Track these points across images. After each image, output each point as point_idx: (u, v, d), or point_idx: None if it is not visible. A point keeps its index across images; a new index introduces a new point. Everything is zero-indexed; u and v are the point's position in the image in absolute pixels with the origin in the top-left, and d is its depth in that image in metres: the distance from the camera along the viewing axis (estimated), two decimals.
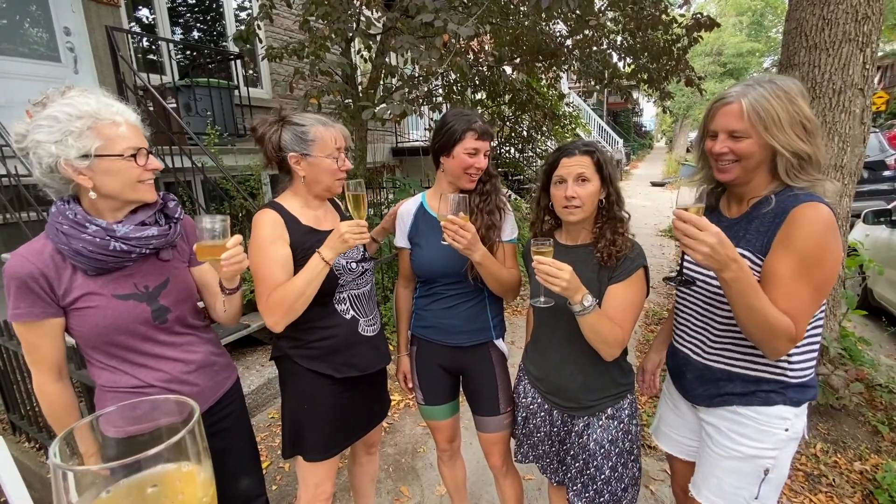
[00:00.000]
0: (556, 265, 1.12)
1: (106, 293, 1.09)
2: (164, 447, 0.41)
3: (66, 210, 1.05)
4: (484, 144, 1.44)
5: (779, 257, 1.06)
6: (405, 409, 2.98)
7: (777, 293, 1.04)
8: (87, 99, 1.03)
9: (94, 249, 1.04)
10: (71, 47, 4.11)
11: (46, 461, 2.35)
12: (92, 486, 0.40)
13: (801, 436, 1.20)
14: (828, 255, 1.03)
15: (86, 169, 1.02)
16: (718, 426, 1.23)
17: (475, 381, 1.57)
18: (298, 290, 1.25)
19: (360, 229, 1.24)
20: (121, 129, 1.04)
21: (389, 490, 2.30)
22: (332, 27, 3.30)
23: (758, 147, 1.10)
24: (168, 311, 1.17)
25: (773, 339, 1.04)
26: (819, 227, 1.02)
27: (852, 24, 2.38)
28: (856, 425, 2.62)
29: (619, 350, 1.25)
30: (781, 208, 1.08)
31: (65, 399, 1.16)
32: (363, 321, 1.46)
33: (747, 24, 20.71)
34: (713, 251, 0.96)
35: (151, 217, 1.14)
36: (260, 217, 1.33)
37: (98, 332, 1.09)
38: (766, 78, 1.12)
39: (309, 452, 1.42)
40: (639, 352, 3.73)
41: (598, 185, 1.28)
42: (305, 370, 1.40)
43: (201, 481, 0.46)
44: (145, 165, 1.08)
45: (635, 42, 4.95)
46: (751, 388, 1.18)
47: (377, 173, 5.10)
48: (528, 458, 1.51)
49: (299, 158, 1.34)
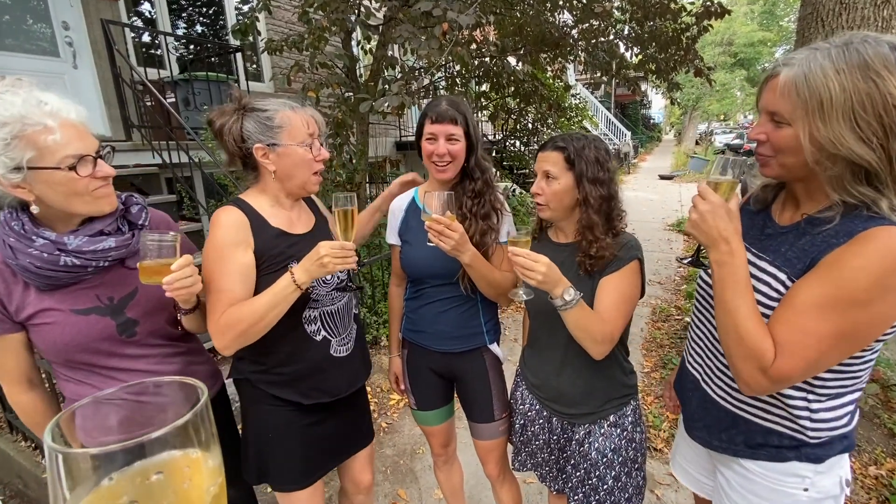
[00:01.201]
0: (532, 256, 1.04)
1: (64, 308, 0.99)
2: (170, 429, 0.38)
3: (12, 220, 0.94)
4: (442, 128, 1.29)
5: (809, 280, 0.79)
6: (404, 409, 2.92)
7: (781, 315, 0.81)
8: (14, 98, 0.86)
9: (43, 265, 0.93)
10: (69, 42, 4.07)
11: (43, 460, 2.33)
12: (92, 474, 0.38)
13: (838, 494, 0.93)
14: (880, 298, 0.73)
15: (22, 182, 0.88)
16: (729, 479, 1.03)
17: (469, 387, 1.50)
18: (257, 314, 1.06)
19: (345, 254, 1.05)
20: (54, 136, 0.88)
21: (387, 493, 2.25)
22: (330, 18, 3.23)
23: (796, 142, 0.79)
24: (136, 324, 1.07)
25: (738, 356, 0.84)
26: (888, 261, 0.72)
27: (871, 8, 2.30)
28: (871, 428, 2.52)
29: (608, 347, 1.15)
30: (847, 227, 0.77)
31: (39, 407, 1.11)
32: (335, 341, 1.28)
33: (759, 12, 20.30)
34: (701, 220, 0.85)
35: (112, 224, 1.02)
36: (220, 216, 1.14)
37: (58, 349, 1.00)
38: (856, 38, 0.76)
39: (277, 482, 1.27)
40: (644, 350, 3.65)
41: (570, 183, 1.19)
42: (269, 395, 1.23)
43: (209, 469, 0.43)
44: (92, 174, 0.93)
45: (643, 31, 4.83)
46: (757, 441, 0.96)
47: (380, 167, 5.03)
48: (525, 465, 1.45)
49: (266, 150, 1.15)
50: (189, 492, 0.42)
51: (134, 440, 0.37)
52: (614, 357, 1.26)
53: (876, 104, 0.73)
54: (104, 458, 0.37)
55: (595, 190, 1.17)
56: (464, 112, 1.34)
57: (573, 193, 1.20)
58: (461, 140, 1.33)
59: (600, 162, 1.19)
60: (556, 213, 1.24)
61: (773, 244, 0.92)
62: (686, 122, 23.45)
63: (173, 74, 4.49)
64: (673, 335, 3.84)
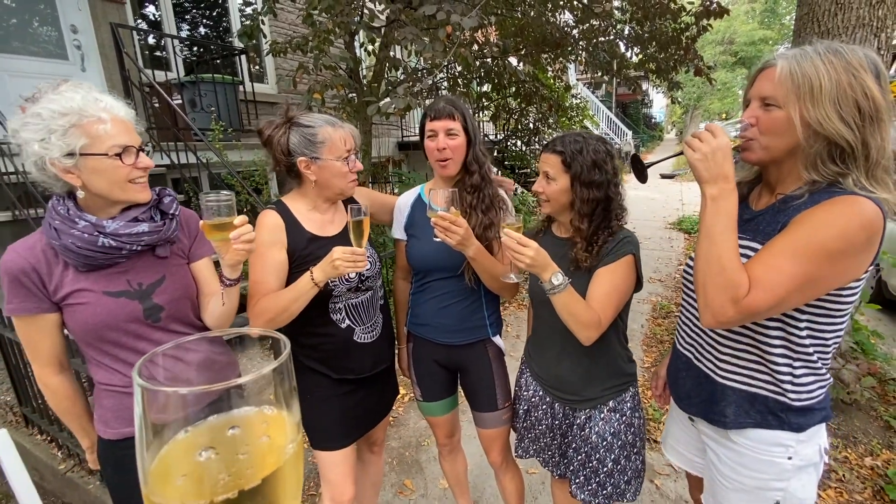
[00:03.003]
0: (522, 241, 1.11)
1: (97, 289, 1.07)
2: (251, 378, 0.38)
3: (58, 205, 1.04)
4: (442, 123, 1.37)
5: (782, 234, 0.90)
6: (409, 402, 2.98)
7: (757, 258, 0.90)
8: (74, 94, 0.99)
9: (83, 245, 1.03)
10: (78, 45, 4.15)
11: (59, 453, 2.40)
12: (171, 424, 0.39)
13: (818, 462, 1.04)
14: (844, 250, 0.83)
15: (73, 167, 0.99)
16: (719, 455, 1.12)
17: (472, 377, 1.56)
18: (282, 306, 1.24)
19: (355, 258, 1.19)
20: (106, 127, 1.00)
21: (393, 483, 2.31)
22: (335, 21, 3.28)
23: (785, 123, 0.91)
24: (161, 310, 1.15)
25: (714, 285, 0.89)
26: (854, 220, 0.83)
27: (866, 8, 2.33)
28: (868, 420, 2.57)
29: (594, 333, 1.19)
30: (814, 199, 0.90)
31: (68, 390, 1.18)
32: (359, 329, 1.42)
33: (760, 11, 20.26)
34: (700, 160, 0.92)
35: (146, 213, 1.12)
36: (261, 218, 1.33)
37: (88, 328, 1.08)
38: (834, 46, 0.90)
39: (317, 442, 1.44)
40: (644, 346, 3.70)
41: (566, 184, 1.25)
42: (306, 366, 1.41)
43: (289, 427, 0.42)
44: (134, 164, 1.05)
45: (643, 31, 4.87)
46: (745, 408, 1.04)
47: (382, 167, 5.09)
48: (528, 452, 1.51)
49: (309, 163, 1.31)
50: (266, 446, 0.42)
51: (221, 384, 0.37)
52: (611, 345, 1.32)
53: (856, 92, 0.87)
54: (188, 401, 0.37)
55: (586, 193, 1.23)
56: (461, 108, 1.42)
57: (568, 194, 1.26)
58: (460, 135, 1.40)
59: (598, 164, 1.23)
60: (556, 209, 1.32)
61: (751, 225, 1.02)
62: (688, 121, 23.45)
63: (180, 76, 4.56)
64: (673, 331, 3.88)
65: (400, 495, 2.23)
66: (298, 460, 0.43)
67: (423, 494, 2.24)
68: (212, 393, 0.37)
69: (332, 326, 1.38)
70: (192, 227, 1.27)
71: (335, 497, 1.46)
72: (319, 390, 1.42)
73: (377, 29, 3.65)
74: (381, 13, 3.95)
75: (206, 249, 1.27)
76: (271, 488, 0.39)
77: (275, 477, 0.40)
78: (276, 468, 0.40)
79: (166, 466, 0.39)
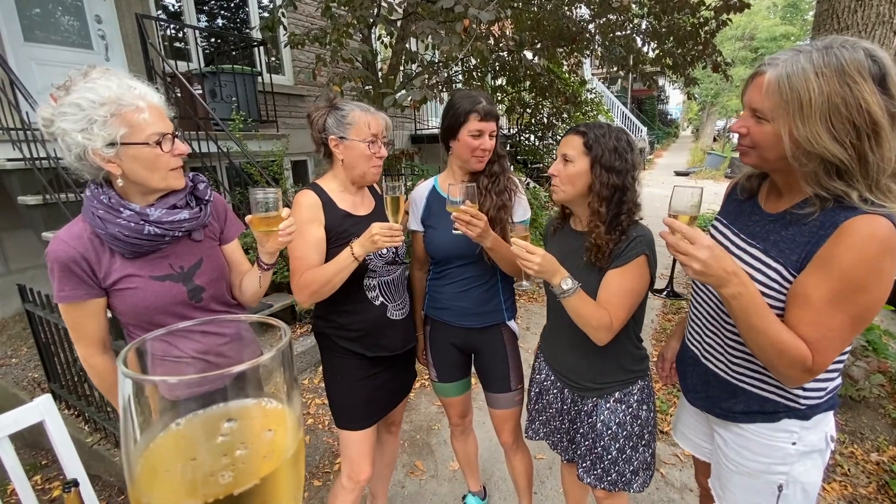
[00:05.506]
0: (529, 249, 1.14)
1: (144, 275, 1.12)
2: (248, 366, 0.34)
3: (100, 194, 1.06)
4: (488, 125, 1.44)
5: (815, 279, 0.87)
6: (421, 388, 3.06)
7: (803, 317, 0.88)
8: (109, 83, 0.99)
9: (130, 234, 1.06)
10: (102, 35, 4.25)
11: (86, 427, 2.51)
12: (161, 414, 0.35)
13: (823, 449, 1.05)
14: (876, 281, 0.83)
15: (113, 157, 1.01)
16: (726, 439, 1.14)
17: (487, 359, 1.62)
18: (326, 277, 1.33)
19: (392, 233, 1.26)
20: (144, 115, 1.02)
21: (405, 464, 2.38)
22: (354, 14, 3.32)
23: (775, 138, 0.88)
24: (203, 290, 1.20)
25: (782, 366, 0.90)
26: (873, 248, 0.81)
27: (887, 5, 2.31)
28: (875, 417, 2.58)
29: (606, 335, 1.20)
30: (830, 218, 0.87)
31: (112, 368, 1.23)
32: (391, 306, 1.51)
33: (782, 6, 19.82)
34: (705, 267, 0.85)
35: (182, 200, 1.15)
36: (299, 198, 1.41)
37: (137, 312, 1.13)
38: (836, 42, 0.83)
39: (342, 421, 1.52)
40: (654, 340, 3.72)
41: (585, 167, 1.23)
42: (340, 347, 1.49)
43: (290, 421, 0.39)
44: (171, 151, 1.07)
45: (660, 26, 4.83)
46: (754, 408, 1.06)
47: (396, 160, 5.14)
48: (538, 434, 1.56)
49: (338, 142, 1.40)
50: (266, 442, 0.39)
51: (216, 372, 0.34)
52: (622, 344, 1.32)
53: (850, 108, 0.80)
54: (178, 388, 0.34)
55: (606, 177, 1.21)
56: (496, 110, 1.50)
57: (587, 178, 1.24)
58: (496, 135, 1.48)
59: (619, 151, 1.21)
60: (568, 196, 1.28)
61: (761, 232, 1.00)
62: (704, 118, 23.10)
63: (201, 67, 4.64)
64: None
65: (411, 476, 2.31)
66: (299, 459, 0.39)
67: (434, 475, 2.31)
68: (206, 382, 0.34)
69: (367, 304, 1.46)
70: (220, 210, 1.32)
71: (353, 475, 1.52)
72: (352, 371, 1.49)
73: (394, 22, 3.69)
74: (398, 6, 3.98)
75: (234, 231, 1.34)
76: (270, 489, 0.36)
77: (274, 477, 0.36)
78: (276, 468, 0.37)
79: (155, 463, 0.35)
